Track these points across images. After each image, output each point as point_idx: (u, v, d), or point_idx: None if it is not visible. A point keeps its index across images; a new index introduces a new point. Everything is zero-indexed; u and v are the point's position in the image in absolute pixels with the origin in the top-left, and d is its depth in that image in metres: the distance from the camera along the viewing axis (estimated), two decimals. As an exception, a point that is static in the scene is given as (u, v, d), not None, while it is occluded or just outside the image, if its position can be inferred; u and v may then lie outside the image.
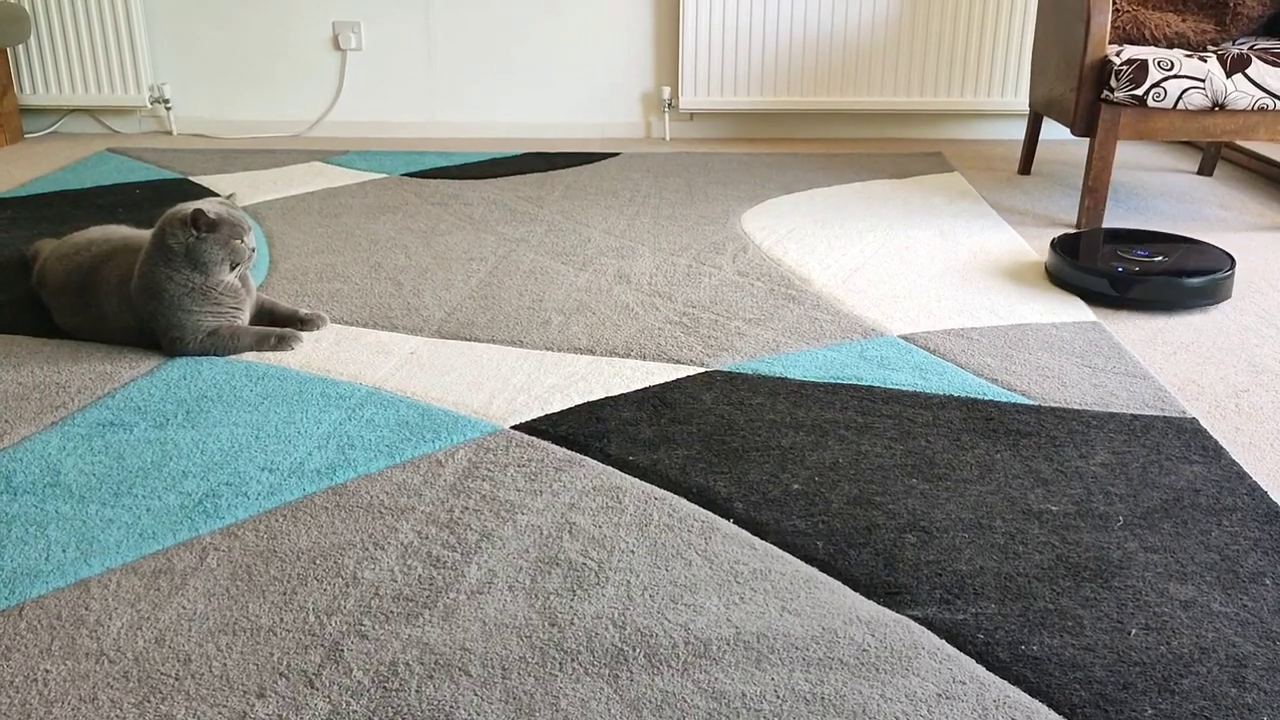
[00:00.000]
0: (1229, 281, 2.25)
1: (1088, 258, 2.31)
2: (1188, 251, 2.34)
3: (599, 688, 1.12)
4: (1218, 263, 2.28)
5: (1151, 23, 3.07)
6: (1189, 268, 2.24)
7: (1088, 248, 2.38)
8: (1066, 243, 2.43)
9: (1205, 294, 2.21)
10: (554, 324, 2.12)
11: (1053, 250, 2.38)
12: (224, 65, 3.89)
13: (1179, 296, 2.20)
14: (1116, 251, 2.31)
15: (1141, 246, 2.36)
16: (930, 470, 1.56)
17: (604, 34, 3.83)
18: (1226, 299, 2.24)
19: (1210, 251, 2.34)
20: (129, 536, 1.39)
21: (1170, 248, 2.36)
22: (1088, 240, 2.44)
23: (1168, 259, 2.28)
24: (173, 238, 1.88)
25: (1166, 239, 2.43)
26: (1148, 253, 2.29)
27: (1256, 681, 1.14)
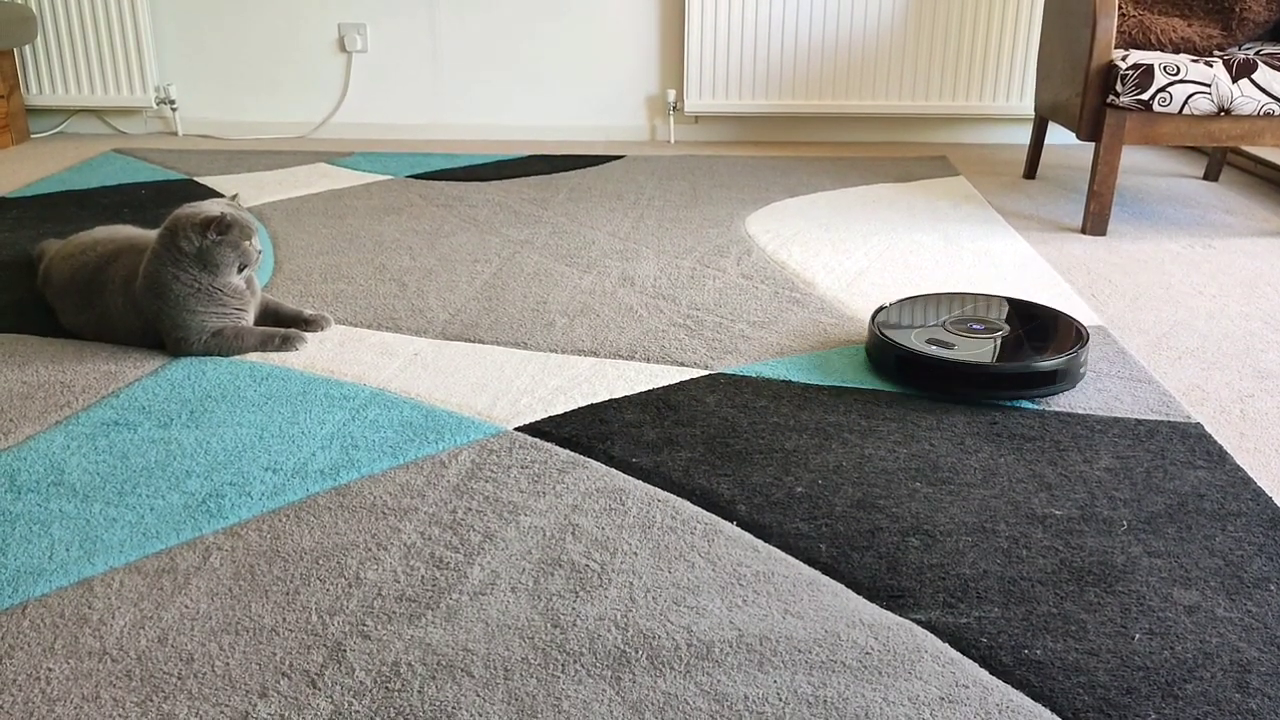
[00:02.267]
0: (1068, 369, 1.81)
1: (905, 327, 1.94)
2: (1040, 326, 1.94)
3: (601, 689, 1.12)
4: (1057, 345, 1.85)
5: (1157, 27, 3.06)
6: (1015, 352, 1.84)
7: (918, 314, 2.01)
8: (898, 308, 2.06)
9: (1017, 384, 1.79)
10: (558, 326, 2.12)
11: (875, 318, 1.99)
12: (230, 66, 3.89)
13: (979, 388, 1.80)
14: (946, 325, 1.93)
15: (985, 321, 1.96)
16: (934, 474, 1.56)
17: (609, 37, 3.84)
18: (1066, 387, 1.82)
19: (1063, 330, 1.92)
20: (132, 536, 1.39)
21: (1024, 322, 1.96)
22: (922, 306, 2.06)
23: (1003, 335, 1.89)
24: (186, 240, 1.89)
25: (1032, 311, 2.02)
26: (984, 328, 1.92)
27: (1260, 687, 1.13)
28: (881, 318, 1.99)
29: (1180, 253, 2.66)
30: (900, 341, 1.86)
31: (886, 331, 1.91)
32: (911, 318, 1.99)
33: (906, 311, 2.02)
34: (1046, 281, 2.40)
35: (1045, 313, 2.01)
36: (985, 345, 1.85)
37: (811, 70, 3.79)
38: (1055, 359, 1.80)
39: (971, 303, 2.06)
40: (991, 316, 1.98)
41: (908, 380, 1.85)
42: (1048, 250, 2.65)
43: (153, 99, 3.86)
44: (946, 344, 1.85)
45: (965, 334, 1.90)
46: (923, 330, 1.91)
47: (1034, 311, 2.01)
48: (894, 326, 1.93)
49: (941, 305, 2.05)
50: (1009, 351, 1.83)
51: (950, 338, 1.88)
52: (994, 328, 1.92)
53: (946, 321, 1.95)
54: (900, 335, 1.89)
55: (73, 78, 3.85)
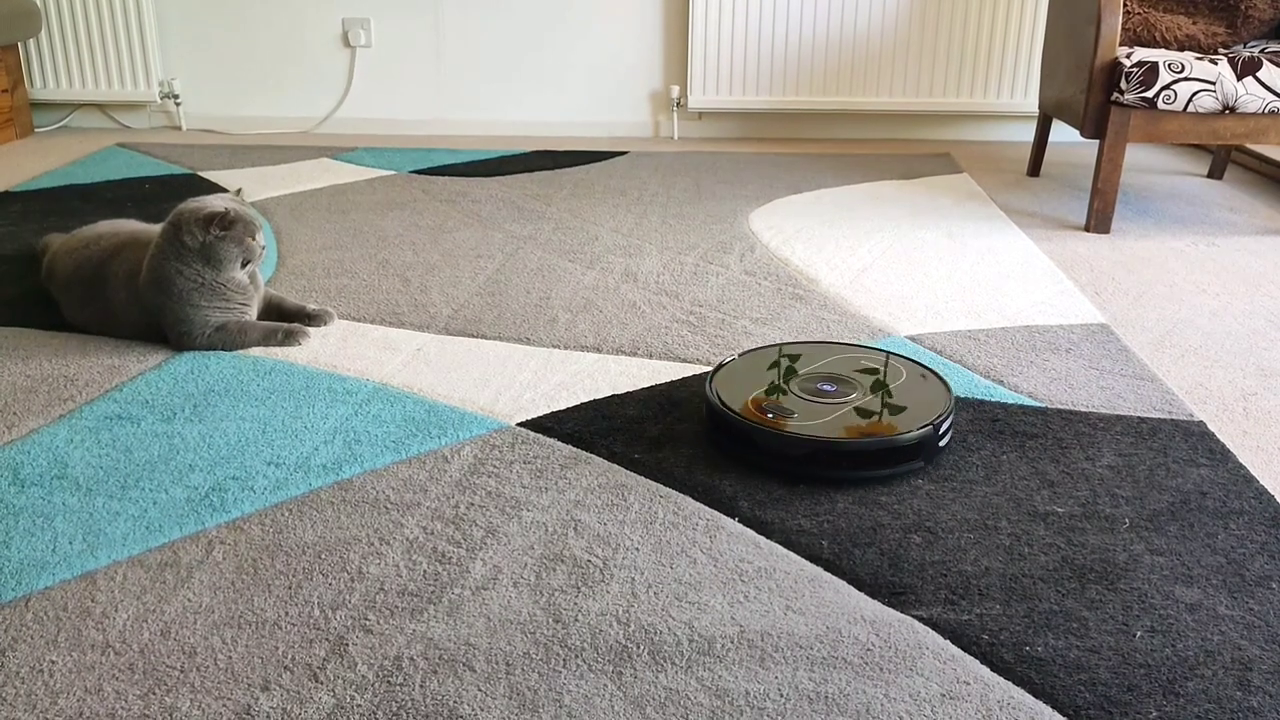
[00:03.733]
0: (918, 444, 1.54)
1: (742, 390, 1.66)
2: (905, 388, 1.68)
3: (603, 684, 1.12)
4: (914, 414, 1.59)
5: (1162, 25, 3.06)
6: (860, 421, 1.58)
7: (767, 368, 1.74)
8: (748, 360, 1.77)
9: (848, 463, 1.52)
10: (561, 322, 2.12)
11: (715, 373, 1.72)
12: (234, 61, 3.89)
13: (806, 465, 1.53)
14: (793, 385, 1.66)
15: (841, 380, 1.69)
16: (936, 470, 1.56)
17: (613, 33, 3.83)
18: (914, 465, 1.55)
19: (930, 395, 1.65)
20: (135, 529, 1.40)
21: (886, 382, 1.70)
22: (776, 358, 1.77)
23: (855, 399, 1.63)
24: (190, 235, 1.89)
25: (904, 369, 1.75)
26: (835, 389, 1.65)
27: (1262, 685, 1.13)
28: (724, 373, 1.73)
29: (1184, 251, 2.66)
30: (728, 404, 1.60)
31: (722, 389, 1.65)
32: (759, 373, 1.72)
33: (755, 364, 1.75)
34: (1049, 279, 2.40)
35: (916, 372, 1.74)
36: (829, 412, 1.59)
37: (815, 66, 3.78)
38: (898, 435, 1.53)
39: (836, 356, 1.78)
40: (851, 374, 1.70)
41: (740, 450, 1.57)
42: (1051, 248, 2.65)
43: (156, 94, 3.86)
44: (785, 410, 1.59)
45: (812, 397, 1.63)
46: (766, 389, 1.66)
47: (905, 370, 1.74)
48: (730, 387, 1.66)
49: (800, 359, 1.78)
50: (852, 421, 1.58)
51: (793, 401, 1.62)
52: (848, 390, 1.65)
53: (794, 380, 1.68)
54: (735, 395, 1.64)
55: (77, 72, 3.85)
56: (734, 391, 1.65)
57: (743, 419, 1.57)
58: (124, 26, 3.79)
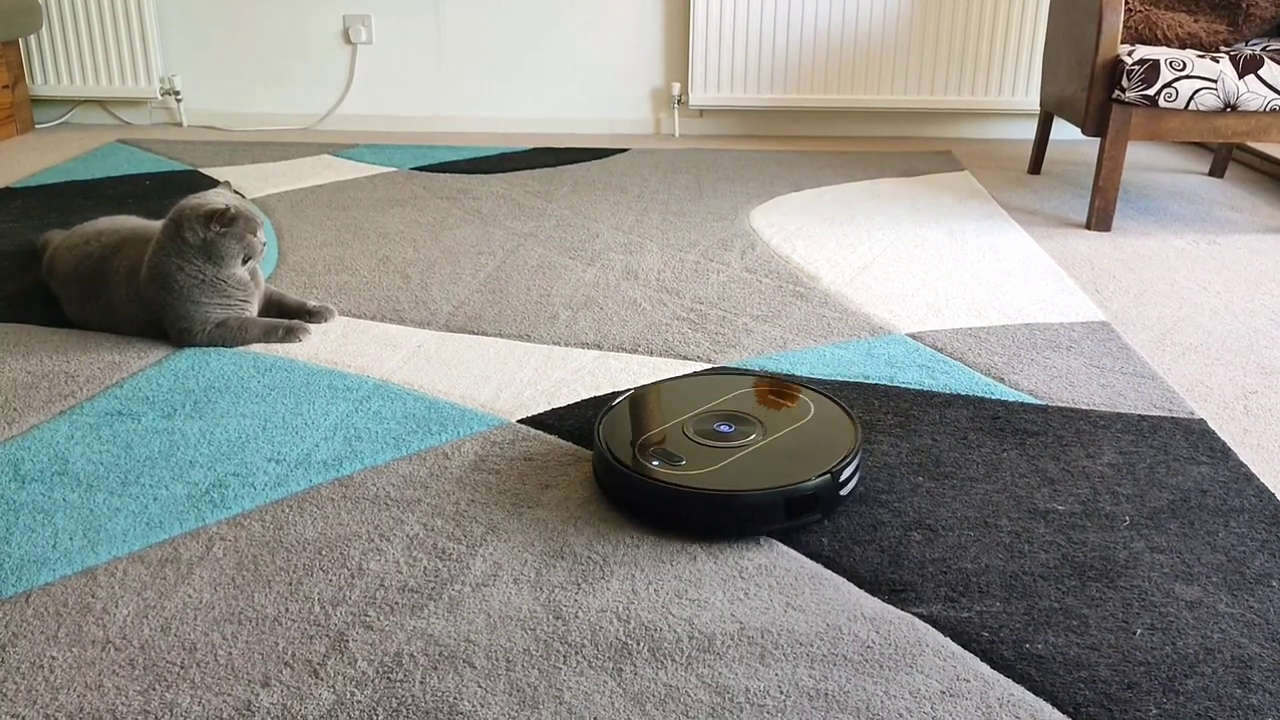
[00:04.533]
0: (814, 495, 1.39)
1: (636, 430, 1.51)
2: (810, 427, 1.51)
3: (603, 681, 1.12)
4: (816, 459, 1.43)
5: (1164, 23, 3.05)
6: (752, 468, 1.41)
7: (663, 407, 1.57)
8: (641, 400, 1.61)
9: (733, 516, 1.37)
10: (561, 319, 2.12)
11: (604, 415, 1.56)
12: (234, 57, 3.89)
13: (692, 518, 1.38)
14: (686, 426, 1.50)
15: (742, 419, 1.53)
16: (936, 468, 1.56)
17: (614, 30, 3.83)
18: (811, 519, 1.40)
19: (836, 436, 1.49)
20: (136, 525, 1.40)
21: (790, 421, 1.53)
22: (675, 394, 1.61)
23: (753, 441, 1.47)
24: (190, 232, 1.89)
25: (814, 404, 1.59)
26: (731, 428, 1.50)
27: (1262, 683, 1.13)
28: (613, 415, 1.56)
29: (1185, 249, 2.65)
30: (614, 449, 1.45)
31: (614, 430, 1.50)
32: (653, 413, 1.55)
33: (651, 404, 1.59)
34: (1050, 277, 2.40)
35: (826, 410, 1.58)
36: (721, 458, 1.44)
37: (817, 64, 3.78)
38: (789, 485, 1.36)
39: (743, 390, 1.63)
40: (753, 412, 1.55)
41: (627, 503, 1.43)
42: (1052, 245, 2.65)
43: (157, 90, 3.86)
44: (672, 456, 1.44)
45: (707, 440, 1.47)
46: (657, 431, 1.50)
47: (815, 405, 1.58)
48: (623, 429, 1.52)
49: (703, 393, 1.62)
50: (745, 468, 1.41)
51: (683, 445, 1.46)
52: (747, 430, 1.49)
53: (688, 421, 1.51)
54: (621, 440, 1.48)
55: (78, 68, 3.85)
56: (627, 432, 1.50)
57: (621, 465, 1.41)
58: (125, 23, 3.79)
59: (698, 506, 1.37)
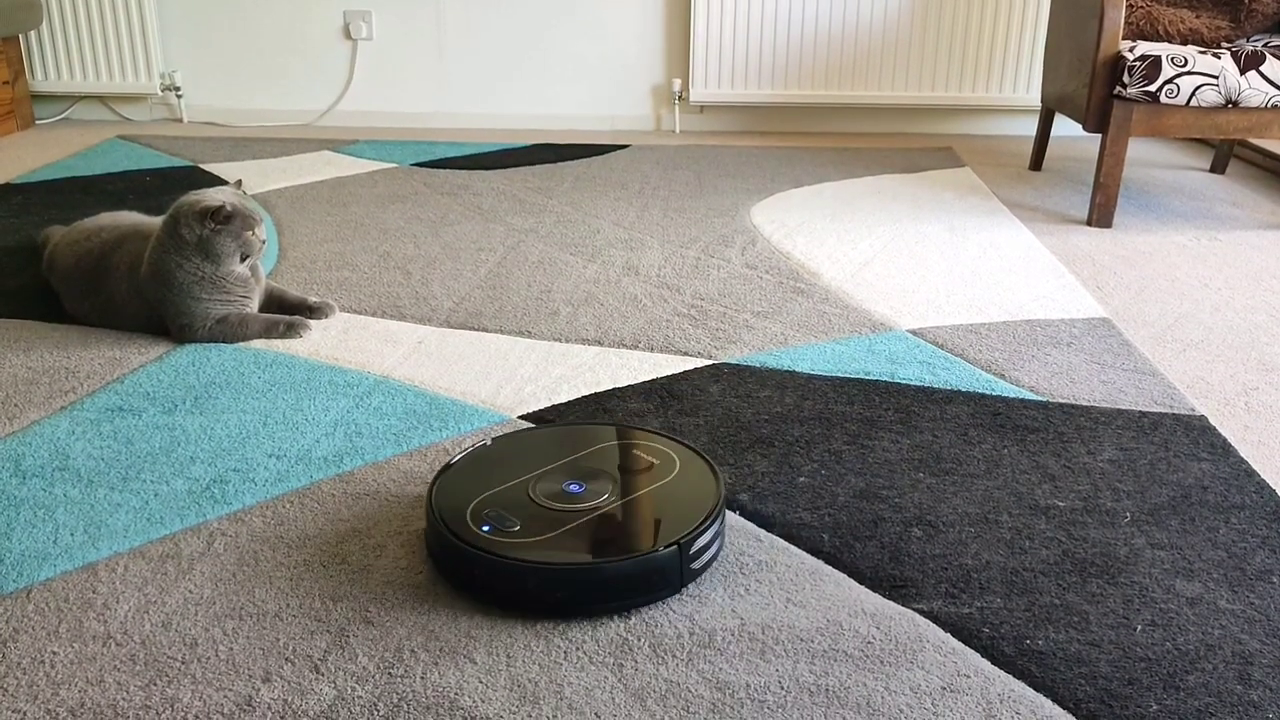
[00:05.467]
0: (661, 570, 1.23)
1: (482, 485, 1.35)
2: (669, 490, 1.34)
3: (603, 676, 1.13)
4: (668, 527, 1.26)
5: (1165, 19, 3.05)
6: (594, 538, 1.24)
7: (514, 463, 1.40)
8: (486, 454, 1.43)
9: (562, 592, 1.21)
10: (562, 315, 2.12)
11: (441, 475, 1.38)
12: (235, 53, 3.89)
13: (517, 594, 1.22)
14: (532, 486, 1.34)
15: (596, 476, 1.36)
16: (937, 465, 1.56)
17: (615, 26, 3.83)
18: (661, 594, 1.24)
19: (695, 499, 1.32)
20: (137, 521, 1.40)
21: (650, 480, 1.35)
22: (528, 447, 1.44)
23: (601, 504, 1.30)
24: (187, 229, 1.89)
25: (678, 462, 1.40)
26: (582, 488, 1.33)
27: (1262, 679, 1.13)
28: (456, 471, 1.39)
29: (1186, 245, 2.65)
30: (443, 514, 1.29)
31: (446, 494, 1.33)
32: (501, 469, 1.38)
33: (501, 458, 1.41)
34: (1051, 273, 2.39)
35: (692, 466, 1.39)
36: (563, 522, 1.28)
37: (818, 60, 3.78)
38: (629, 557, 1.21)
39: (605, 443, 1.45)
40: (613, 469, 1.38)
41: (446, 572, 1.28)
42: (1053, 242, 2.65)
43: (158, 86, 3.86)
44: (506, 521, 1.27)
45: (553, 501, 1.31)
46: (499, 493, 1.33)
47: (680, 460, 1.41)
48: (464, 486, 1.35)
49: (563, 446, 1.44)
50: (583, 536, 1.25)
51: (522, 509, 1.30)
52: (599, 490, 1.33)
53: (538, 478, 1.35)
54: (457, 501, 1.32)
55: (78, 64, 3.84)
56: (468, 491, 1.34)
57: (444, 529, 1.26)
58: (125, 18, 3.78)
59: (516, 580, 1.21)
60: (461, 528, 1.27)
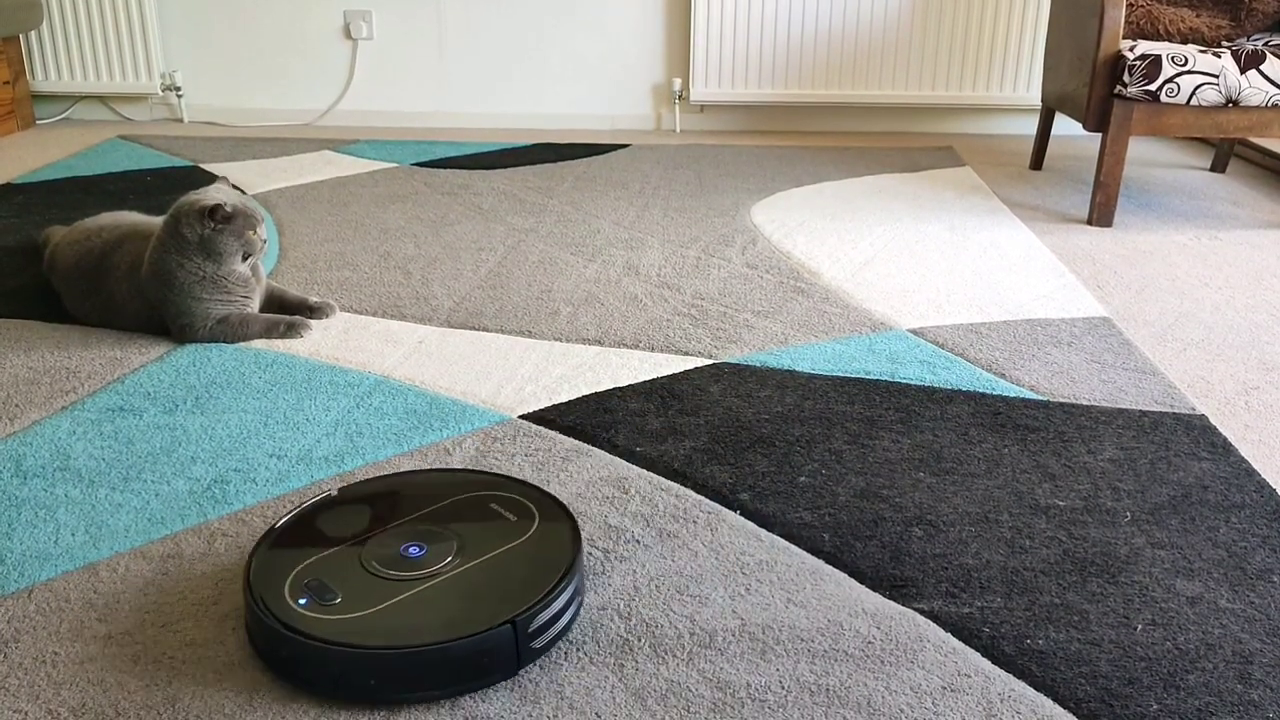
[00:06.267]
0: (488, 657, 1.09)
1: (312, 547, 1.21)
2: (523, 553, 1.20)
3: (604, 676, 1.13)
4: (505, 602, 1.11)
5: (1165, 18, 3.05)
6: (416, 612, 1.10)
7: (353, 519, 1.26)
8: (331, 508, 1.29)
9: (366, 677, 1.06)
10: (562, 314, 2.12)
11: (264, 540, 1.23)
12: (235, 53, 3.89)
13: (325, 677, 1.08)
14: (365, 552, 1.19)
15: (440, 538, 1.21)
16: (937, 464, 1.56)
17: (615, 25, 3.83)
18: (493, 678, 1.10)
19: (544, 566, 1.18)
20: (138, 521, 1.40)
21: (499, 542, 1.21)
22: (378, 501, 1.30)
23: (438, 572, 1.16)
24: (188, 228, 1.89)
25: (532, 523, 1.26)
26: (422, 550, 1.19)
27: (1263, 678, 1.13)
28: (284, 530, 1.25)
29: (1186, 244, 2.65)
30: (257, 583, 1.15)
31: (269, 559, 1.19)
32: (336, 528, 1.24)
33: (341, 513, 1.27)
34: (1052, 272, 2.40)
35: (553, 523, 1.26)
36: (393, 593, 1.13)
37: (818, 60, 3.78)
38: (456, 639, 1.06)
39: (460, 495, 1.31)
40: (462, 527, 1.24)
41: (257, 649, 1.14)
42: (1053, 241, 2.65)
43: (158, 85, 3.86)
44: (326, 591, 1.13)
45: (386, 567, 1.16)
46: (329, 556, 1.19)
47: (540, 517, 1.27)
48: (294, 547, 1.21)
49: (410, 499, 1.30)
50: (409, 611, 1.10)
51: (350, 576, 1.15)
52: (441, 552, 1.19)
53: (374, 540, 1.21)
54: (282, 566, 1.18)
55: (78, 64, 3.84)
56: (296, 553, 1.20)
57: (252, 600, 1.12)
58: (125, 18, 3.78)
59: (320, 663, 1.07)
60: (275, 599, 1.12)
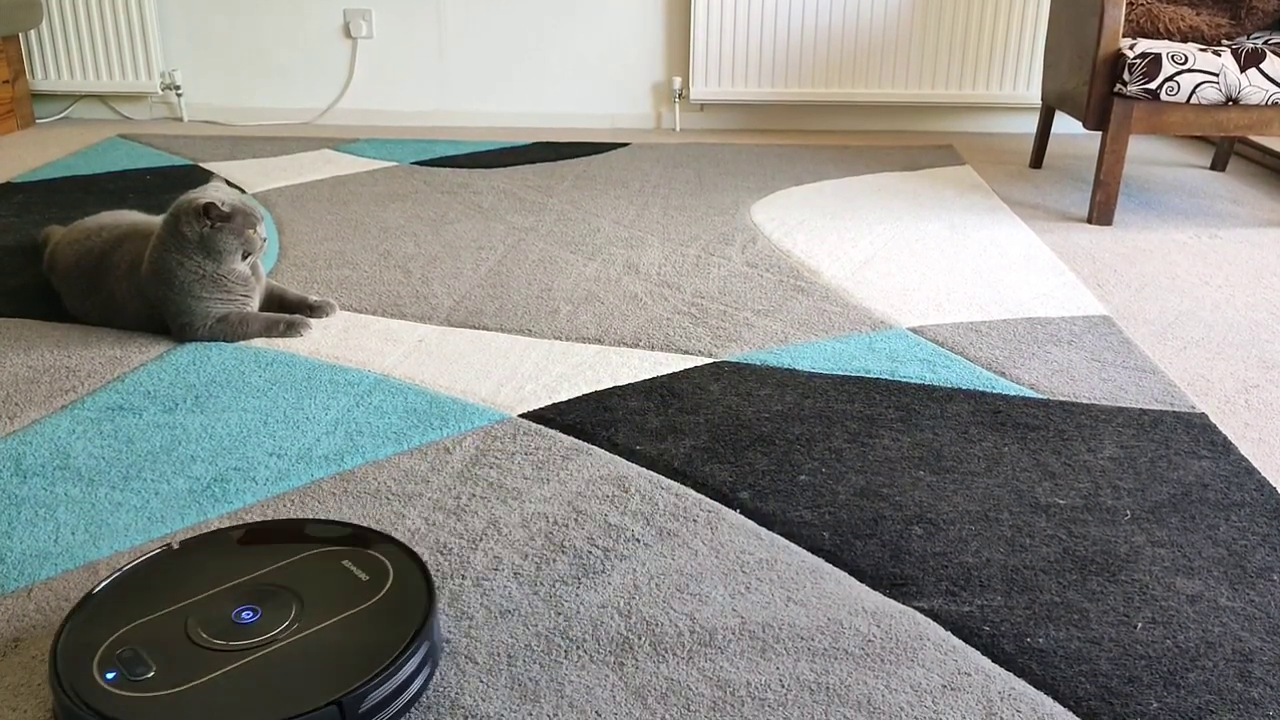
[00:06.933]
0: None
1: (112, 622, 1.08)
2: (369, 614, 1.08)
3: (604, 675, 1.13)
4: (341, 673, 1.00)
5: (1165, 16, 3.05)
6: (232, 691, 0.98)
7: (182, 582, 1.13)
8: (161, 565, 1.16)
9: None
10: (562, 313, 2.12)
11: (75, 613, 1.09)
12: (235, 52, 3.89)
13: None
14: (191, 617, 1.07)
15: (277, 600, 1.09)
16: (937, 462, 1.56)
17: (615, 24, 3.82)
18: None
19: (385, 634, 1.06)
20: (137, 520, 1.40)
21: (345, 604, 1.10)
22: (213, 556, 1.18)
23: (273, 641, 1.04)
24: (188, 226, 1.89)
25: (385, 581, 1.15)
26: (256, 615, 1.07)
27: (1263, 676, 1.13)
28: (109, 591, 1.12)
29: (1186, 243, 2.65)
30: (62, 654, 1.03)
31: (81, 625, 1.07)
32: (171, 587, 1.12)
33: (174, 570, 1.15)
34: (1052, 271, 2.39)
35: (408, 581, 1.14)
36: (208, 669, 1.01)
37: (818, 58, 3.77)
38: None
39: (309, 553, 1.18)
40: (306, 588, 1.11)
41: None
42: (1053, 240, 2.65)
43: (158, 84, 3.86)
44: (138, 665, 1.01)
45: (214, 636, 1.04)
46: (151, 622, 1.07)
47: (395, 573, 1.15)
48: (118, 609, 1.09)
49: (257, 555, 1.17)
50: (229, 688, 0.98)
51: (175, 646, 1.03)
52: (277, 617, 1.07)
53: (204, 603, 1.08)
54: (97, 633, 1.06)
55: (78, 63, 3.84)
56: (116, 617, 1.08)
57: (54, 678, 1.00)
58: (125, 17, 3.78)
59: None
60: (79, 675, 0.98)
